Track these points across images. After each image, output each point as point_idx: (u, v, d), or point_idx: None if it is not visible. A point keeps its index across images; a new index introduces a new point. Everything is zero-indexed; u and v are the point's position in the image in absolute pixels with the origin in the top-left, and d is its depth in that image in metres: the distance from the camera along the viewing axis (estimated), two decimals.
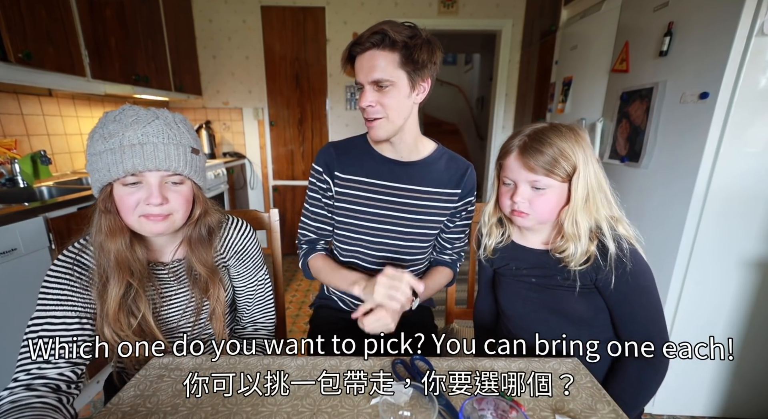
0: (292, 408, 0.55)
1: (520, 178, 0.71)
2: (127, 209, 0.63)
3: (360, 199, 0.88)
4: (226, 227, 0.79)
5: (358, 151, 0.90)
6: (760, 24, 1.03)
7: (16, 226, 1.16)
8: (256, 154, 3.12)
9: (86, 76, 1.72)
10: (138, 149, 0.60)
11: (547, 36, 2.42)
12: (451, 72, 6.94)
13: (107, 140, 0.60)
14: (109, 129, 0.61)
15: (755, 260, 1.22)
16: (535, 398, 0.58)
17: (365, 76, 0.75)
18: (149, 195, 0.63)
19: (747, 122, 1.11)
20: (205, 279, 0.74)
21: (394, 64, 0.73)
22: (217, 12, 2.81)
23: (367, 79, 0.75)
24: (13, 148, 1.64)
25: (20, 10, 1.39)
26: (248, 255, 0.83)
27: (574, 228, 0.69)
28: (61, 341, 0.59)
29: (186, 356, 0.68)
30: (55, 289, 0.62)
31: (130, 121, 0.61)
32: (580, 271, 0.70)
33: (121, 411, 0.55)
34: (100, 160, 0.61)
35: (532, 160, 0.68)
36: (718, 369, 1.34)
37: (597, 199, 0.69)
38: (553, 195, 0.70)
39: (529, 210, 0.72)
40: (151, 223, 0.64)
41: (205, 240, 0.73)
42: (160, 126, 0.62)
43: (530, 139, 0.70)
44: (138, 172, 0.61)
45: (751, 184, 1.16)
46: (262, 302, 0.88)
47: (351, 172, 0.88)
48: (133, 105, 0.64)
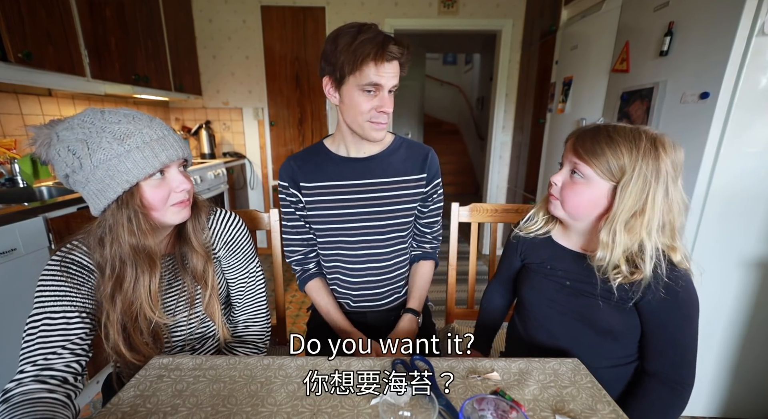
0: (292, 408, 0.55)
1: (567, 160, 0.69)
2: (160, 203, 0.64)
3: (330, 203, 0.90)
4: (213, 218, 0.79)
5: (319, 158, 0.92)
6: (760, 24, 1.03)
7: (15, 226, 1.16)
8: (256, 154, 3.12)
9: (86, 76, 1.72)
10: (163, 142, 0.62)
11: (548, 36, 2.42)
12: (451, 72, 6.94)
13: (124, 141, 0.59)
14: (119, 130, 0.59)
15: (755, 260, 1.22)
16: (535, 398, 0.58)
17: (390, 81, 0.77)
18: (179, 183, 0.66)
19: (747, 122, 1.11)
20: (202, 265, 0.74)
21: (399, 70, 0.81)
22: (217, 12, 2.81)
23: (390, 84, 0.78)
24: (13, 148, 1.64)
25: (20, 10, 1.39)
26: (238, 246, 0.82)
27: (609, 239, 0.64)
28: (64, 334, 0.60)
29: (186, 356, 0.67)
30: (52, 286, 0.62)
31: (134, 119, 0.62)
32: (622, 286, 0.66)
33: (121, 411, 0.54)
34: (126, 160, 0.59)
35: (580, 145, 0.66)
36: (718, 370, 1.34)
37: (653, 223, 0.62)
38: (587, 189, 0.66)
39: (559, 195, 0.70)
40: (182, 209, 0.68)
41: (197, 227, 0.75)
42: (155, 120, 0.65)
43: (597, 126, 0.67)
44: (170, 162, 0.63)
45: (752, 183, 1.16)
46: (254, 296, 0.86)
47: (315, 179, 0.90)
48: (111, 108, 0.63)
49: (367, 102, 0.78)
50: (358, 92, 0.77)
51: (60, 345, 0.59)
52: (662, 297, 0.63)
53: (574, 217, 0.71)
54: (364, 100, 0.78)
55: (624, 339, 0.71)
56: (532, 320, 0.81)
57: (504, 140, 3.16)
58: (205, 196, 2.32)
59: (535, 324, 0.80)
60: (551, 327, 0.77)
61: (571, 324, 0.74)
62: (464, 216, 1.11)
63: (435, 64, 6.84)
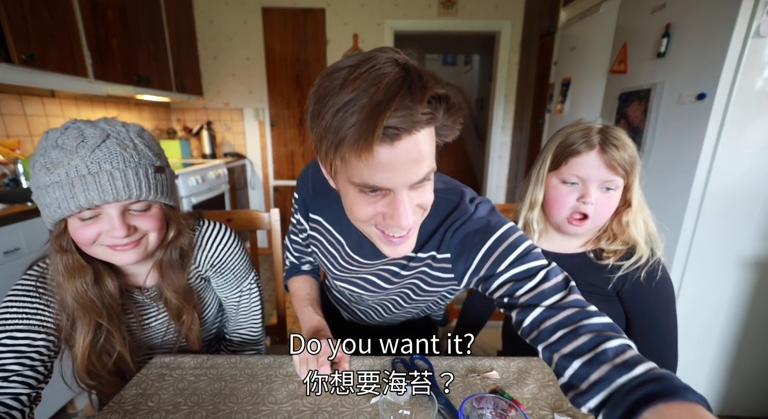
0: (292, 407, 0.56)
1: (596, 176, 0.65)
2: (86, 243, 0.56)
3: (328, 253, 0.70)
4: (198, 236, 0.71)
5: (338, 204, 0.57)
6: (756, 25, 1.04)
7: (19, 226, 1.17)
8: (257, 154, 3.13)
9: (88, 77, 1.73)
10: (90, 180, 0.51)
11: (546, 37, 2.43)
12: (450, 72, 6.94)
13: (51, 172, 0.51)
14: (51, 157, 0.51)
15: (753, 260, 1.23)
16: (534, 396, 0.58)
17: (405, 179, 0.43)
18: (112, 228, 0.55)
19: (744, 122, 1.11)
20: (177, 306, 0.68)
21: (433, 139, 0.45)
22: (218, 13, 2.82)
23: (410, 181, 0.43)
24: (17, 149, 1.65)
25: (23, 11, 1.39)
26: (227, 267, 0.75)
27: (637, 231, 0.67)
28: (18, 358, 0.54)
29: (187, 355, 0.68)
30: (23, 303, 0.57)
31: (75, 145, 0.51)
32: (609, 278, 0.69)
33: (123, 409, 0.55)
34: (47, 194, 0.52)
35: (615, 159, 0.63)
36: (716, 368, 1.34)
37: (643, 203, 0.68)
38: (617, 197, 0.67)
39: (594, 214, 0.67)
40: (120, 253, 0.57)
41: (176, 264, 0.66)
42: (112, 148, 0.53)
43: (608, 135, 0.65)
44: (94, 206, 0.52)
45: (749, 184, 1.16)
46: (247, 314, 0.82)
47: (326, 219, 0.68)
48: (77, 121, 0.54)
49: (368, 206, 0.47)
50: (354, 191, 0.46)
51: (12, 368, 0.53)
52: (641, 283, 0.67)
53: (599, 227, 0.72)
54: (363, 203, 0.46)
55: None
56: None
57: (503, 140, 3.17)
58: (206, 196, 2.33)
59: None
60: None
61: None
62: None
63: (434, 65, 6.84)
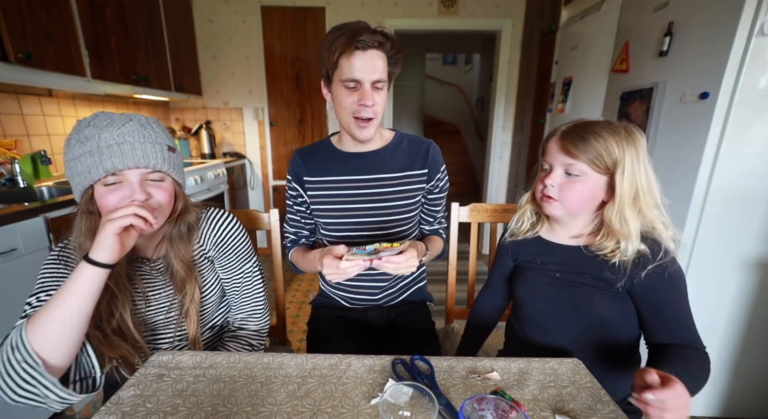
0: (292, 408, 0.55)
1: (557, 161, 0.71)
2: (110, 208, 0.63)
3: (333, 197, 0.91)
4: (204, 218, 0.78)
5: (325, 154, 0.93)
6: (760, 24, 1.03)
7: (16, 226, 1.16)
8: (257, 154, 3.12)
9: (86, 76, 1.72)
10: (116, 149, 0.61)
11: (547, 36, 2.42)
12: (451, 72, 6.95)
13: (84, 144, 0.61)
14: (84, 133, 0.62)
15: (755, 260, 1.22)
16: (535, 398, 0.58)
17: (368, 75, 0.77)
18: (132, 192, 0.64)
19: (747, 122, 1.11)
20: (182, 277, 0.74)
21: (385, 64, 0.79)
22: (217, 12, 2.81)
23: (371, 78, 0.78)
24: (14, 148, 1.64)
25: (21, 10, 1.39)
26: (230, 247, 0.80)
27: (623, 226, 0.67)
28: None
29: (186, 353, 0.68)
30: (52, 271, 0.67)
31: (105, 124, 0.63)
32: (616, 272, 0.69)
33: (121, 410, 0.54)
34: (80, 163, 0.62)
35: (570, 144, 0.68)
36: (718, 370, 1.34)
37: (647, 199, 0.68)
38: (585, 185, 0.69)
39: (558, 196, 0.71)
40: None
41: (184, 237, 0.74)
42: (134, 126, 0.64)
43: (576, 125, 0.71)
44: (118, 170, 0.62)
45: (752, 183, 1.16)
46: (250, 296, 0.84)
47: (319, 174, 0.91)
48: (104, 111, 0.66)
49: (348, 97, 0.79)
50: (342, 88, 0.79)
51: None
52: (655, 275, 0.66)
53: (574, 214, 0.74)
54: (345, 95, 0.79)
55: (614, 327, 0.73)
56: (527, 317, 0.83)
57: (504, 140, 3.17)
58: (205, 196, 2.33)
59: (529, 322, 0.82)
60: (544, 322, 0.79)
61: (563, 317, 0.76)
62: (464, 216, 1.11)
63: (435, 65, 6.85)
